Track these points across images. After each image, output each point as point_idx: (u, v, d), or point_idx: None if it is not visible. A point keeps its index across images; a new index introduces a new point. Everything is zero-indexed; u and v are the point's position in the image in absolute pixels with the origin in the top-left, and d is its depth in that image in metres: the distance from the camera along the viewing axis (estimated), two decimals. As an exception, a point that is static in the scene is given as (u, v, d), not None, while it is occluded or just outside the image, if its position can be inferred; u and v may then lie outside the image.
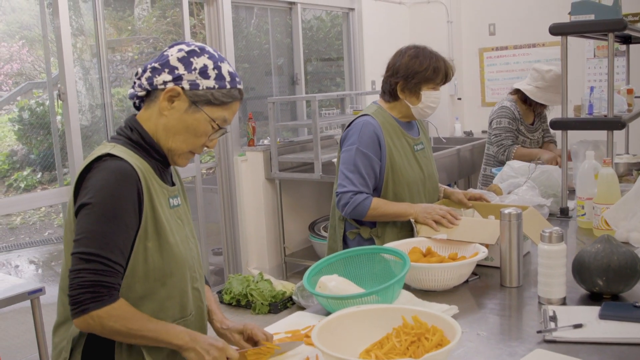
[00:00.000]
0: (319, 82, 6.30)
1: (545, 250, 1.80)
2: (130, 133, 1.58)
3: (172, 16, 5.17)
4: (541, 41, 6.47)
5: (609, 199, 2.44)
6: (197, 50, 1.56)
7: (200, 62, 1.54)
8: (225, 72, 1.57)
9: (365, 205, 2.37)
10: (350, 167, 2.41)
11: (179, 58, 1.54)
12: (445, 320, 1.43)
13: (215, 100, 1.56)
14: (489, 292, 1.97)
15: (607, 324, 1.63)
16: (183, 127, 1.56)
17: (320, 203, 5.78)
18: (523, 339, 1.60)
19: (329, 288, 1.77)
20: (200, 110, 1.55)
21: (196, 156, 4.83)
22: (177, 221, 1.62)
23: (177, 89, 1.53)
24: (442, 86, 2.50)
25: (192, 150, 1.60)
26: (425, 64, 2.42)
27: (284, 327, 1.76)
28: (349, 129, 2.49)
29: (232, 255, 5.20)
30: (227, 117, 1.60)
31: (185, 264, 1.60)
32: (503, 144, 3.79)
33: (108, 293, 1.42)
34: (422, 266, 1.91)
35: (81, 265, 1.41)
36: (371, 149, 2.40)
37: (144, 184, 1.50)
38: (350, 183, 2.40)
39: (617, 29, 2.63)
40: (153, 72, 1.55)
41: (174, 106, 1.54)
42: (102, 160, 1.48)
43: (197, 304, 1.68)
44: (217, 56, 1.59)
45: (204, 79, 1.54)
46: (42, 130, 4.79)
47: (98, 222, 1.43)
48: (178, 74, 1.53)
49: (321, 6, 6.10)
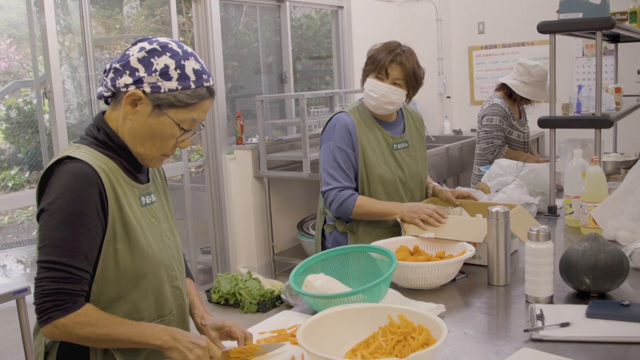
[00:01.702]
0: (308, 81, 6.28)
1: (533, 248, 1.79)
2: (97, 133, 1.53)
3: (161, 14, 5.14)
4: (530, 40, 6.48)
5: (597, 197, 2.44)
6: (158, 49, 1.47)
7: (161, 63, 1.46)
8: (190, 71, 1.48)
9: (350, 202, 2.38)
10: (332, 163, 2.42)
11: (139, 59, 1.46)
12: (431, 320, 1.42)
13: (179, 103, 1.47)
14: (476, 290, 1.96)
15: (594, 323, 1.62)
16: (149, 132, 1.49)
17: (308, 201, 5.76)
18: (510, 338, 1.59)
19: (315, 287, 1.75)
20: (164, 113, 1.47)
21: (184, 155, 4.80)
22: (151, 220, 1.57)
23: (138, 93, 1.46)
24: (391, 83, 2.42)
25: (163, 153, 1.55)
26: (372, 53, 2.46)
27: (270, 326, 1.75)
28: (326, 127, 2.51)
29: (220, 253, 5.18)
30: (195, 118, 1.51)
31: (160, 264, 1.56)
32: (493, 143, 3.79)
33: (71, 300, 1.39)
34: (410, 265, 1.90)
35: (43, 274, 1.39)
36: (346, 144, 2.42)
37: (107, 184, 1.45)
38: (333, 179, 2.41)
39: (605, 27, 2.63)
40: (115, 73, 1.49)
41: (137, 110, 1.48)
42: (62, 164, 1.43)
43: (179, 303, 1.65)
44: (182, 53, 1.49)
45: (165, 80, 1.46)
46: (29, 129, 4.74)
47: (58, 228, 1.39)
48: (139, 76, 1.46)
49: (310, 4, 6.08)
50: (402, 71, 2.40)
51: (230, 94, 5.40)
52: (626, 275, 1.81)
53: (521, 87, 3.76)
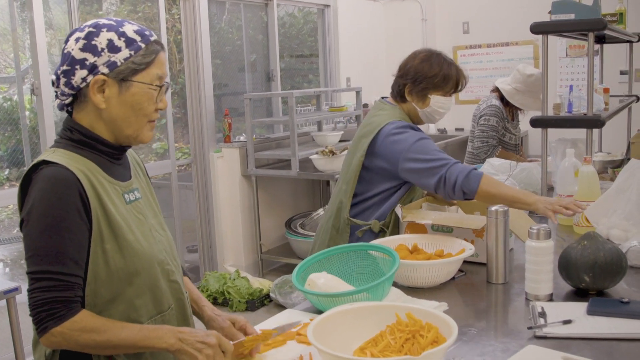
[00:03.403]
0: (291, 79, 6.27)
1: (533, 247, 1.81)
2: (70, 134, 1.50)
3: (144, 11, 5.10)
4: (514, 40, 6.54)
5: (590, 196, 2.47)
6: (93, 30, 1.45)
7: (103, 40, 1.44)
8: (133, 34, 1.47)
9: (476, 175, 2.20)
10: (429, 155, 2.29)
11: (81, 48, 1.44)
12: (439, 317, 1.43)
13: (140, 66, 1.47)
14: (475, 288, 1.98)
15: (596, 320, 1.64)
16: (128, 109, 1.48)
17: (296, 200, 5.76)
18: (514, 335, 1.61)
19: (318, 285, 1.76)
20: (132, 82, 1.47)
21: (171, 153, 4.78)
22: (137, 216, 1.55)
23: (100, 77, 1.44)
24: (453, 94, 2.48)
25: (149, 120, 1.53)
26: (435, 70, 2.39)
27: (273, 325, 1.74)
28: (392, 133, 2.36)
29: (207, 252, 5.16)
30: (159, 73, 1.51)
31: (152, 259, 1.54)
32: (488, 143, 3.82)
33: (65, 308, 1.36)
34: (412, 263, 1.91)
35: (34, 285, 1.37)
36: (424, 134, 2.40)
37: (87, 185, 1.42)
38: (443, 160, 2.25)
39: (597, 29, 2.67)
40: (66, 75, 1.46)
41: (107, 95, 1.46)
42: (39, 170, 1.40)
43: (177, 297, 1.63)
44: (115, 23, 1.48)
45: (116, 53, 1.44)
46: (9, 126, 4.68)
47: (42, 237, 1.37)
48: (90, 63, 1.44)
49: (297, 2, 6.08)
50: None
51: (215, 92, 5.37)
52: (624, 273, 1.84)
53: (513, 93, 3.79)
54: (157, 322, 1.56)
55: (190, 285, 1.78)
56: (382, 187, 2.43)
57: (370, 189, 2.45)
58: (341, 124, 6.15)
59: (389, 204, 2.43)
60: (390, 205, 2.43)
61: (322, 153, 4.73)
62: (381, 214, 2.44)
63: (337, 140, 5.30)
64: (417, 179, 2.33)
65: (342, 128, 6.00)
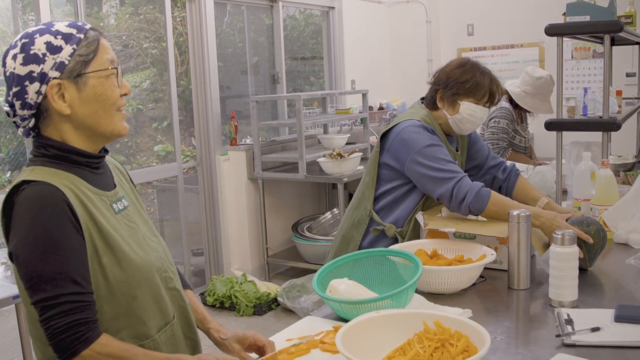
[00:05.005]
0: (293, 82, 6.25)
1: (558, 252, 1.78)
2: (45, 151, 1.40)
3: (145, 13, 5.07)
4: (519, 42, 6.52)
5: (608, 200, 2.45)
6: (25, 40, 1.36)
7: (40, 45, 1.35)
8: (67, 30, 1.39)
9: (485, 193, 2.17)
10: (436, 164, 2.24)
11: (22, 63, 1.35)
12: (469, 325, 1.40)
13: (87, 56, 1.39)
14: (497, 294, 1.95)
15: (624, 327, 1.62)
16: (94, 103, 1.40)
17: (303, 203, 5.74)
18: (542, 343, 1.58)
19: (340, 292, 1.73)
20: (87, 75, 1.39)
21: (177, 156, 4.74)
22: (129, 225, 1.48)
23: (54, 82, 1.35)
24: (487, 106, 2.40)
25: (117, 109, 1.45)
26: (467, 76, 2.35)
27: (295, 333, 1.71)
28: (404, 138, 2.32)
29: (213, 255, 5.13)
30: (109, 57, 1.43)
31: (151, 267, 1.48)
32: (499, 145, 3.79)
33: (89, 330, 1.30)
34: (433, 269, 1.88)
35: (49, 313, 1.28)
36: (437, 140, 2.31)
37: (74, 199, 1.35)
38: (451, 173, 2.21)
39: (613, 31, 2.64)
40: (19, 96, 1.36)
41: (68, 98, 1.38)
42: (20, 192, 1.31)
43: (179, 304, 1.59)
44: (45, 25, 1.40)
45: (58, 53, 1.36)
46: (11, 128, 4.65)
47: (43, 261, 1.28)
48: (38, 74, 1.35)
49: (302, 4, 6.06)
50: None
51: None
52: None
53: (522, 96, 3.76)
54: (167, 333, 1.52)
55: (194, 302, 1.71)
56: (392, 184, 2.40)
57: (383, 185, 2.43)
58: (346, 126, 6.12)
59: (404, 208, 2.40)
60: (405, 209, 2.39)
61: (330, 156, 4.69)
62: (397, 218, 2.40)
63: (343, 142, 5.27)
64: (420, 184, 2.31)
65: (348, 131, 5.97)
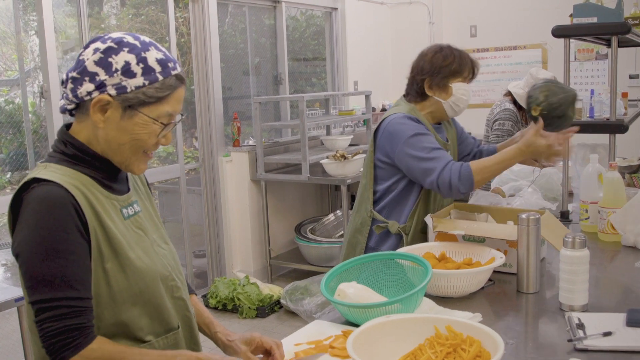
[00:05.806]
0: (294, 83, 6.23)
1: (568, 256, 1.77)
2: (64, 148, 1.40)
3: (147, 14, 5.05)
4: (522, 43, 6.51)
5: (616, 202, 2.43)
6: (114, 46, 1.35)
7: (120, 60, 1.34)
8: (153, 63, 1.36)
9: (467, 172, 2.20)
10: (422, 153, 2.28)
11: (95, 61, 1.34)
12: (482, 330, 1.39)
13: (150, 99, 1.36)
14: (506, 298, 1.93)
15: (636, 332, 1.60)
16: (126, 136, 1.37)
17: (306, 204, 5.72)
18: (553, 348, 1.56)
19: (349, 295, 1.71)
20: (138, 112, 1.36)
21: (180, 157, 4.73)
22: (136, 232, 1.46)
23: (105, 97, 1.33)
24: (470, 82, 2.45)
25: (144, 151, 1.43)
26: (450, 59, 2.39)
27: (304, 337, 1.69)
28: (390, 130, 2.35)
29: (215, 257, 5.11)
30: (170, 111, 1.39)
31: (156, 276, 1.45)
32: None
33: (80, 335, 1.28)
34: (442, 272, 1.86)
35: (43, 315, 1.27)
36: (423, 128, 2.33)
37: (83, 202, 1.33)
38: (435, 161, 2.25)
39: (621, 32, 2.63)
40: (74, 82, 1.36)
41: (108, 116, 1.35)
42: (30, 190, 1.30)
43: (184, 314, 1.56)
44: (140, 45, 1.37)
45: (129, 78, 1.34)
46: (11, 129, 4.64)
47: (44, 263, 1.28)
48: (100, 80, 1.34)
49: (305, 5, 6.04)
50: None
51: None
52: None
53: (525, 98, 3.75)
54: (169, 340, 1.50)
55: (200, 307, 1.69)
56: (390, 182, 2.43)
57: (381, 184, 2.45)
58: (349, 127, 6.11)
59: (405, 204, 2.42)
60: (406, 205, 2.42)
61: (334, 157, 4.67)
62: (399, 215, 2.41)
63: (347, 144, 5.26)
64: (411, 175, 2.36)
65: (351, 132, 5.95)
